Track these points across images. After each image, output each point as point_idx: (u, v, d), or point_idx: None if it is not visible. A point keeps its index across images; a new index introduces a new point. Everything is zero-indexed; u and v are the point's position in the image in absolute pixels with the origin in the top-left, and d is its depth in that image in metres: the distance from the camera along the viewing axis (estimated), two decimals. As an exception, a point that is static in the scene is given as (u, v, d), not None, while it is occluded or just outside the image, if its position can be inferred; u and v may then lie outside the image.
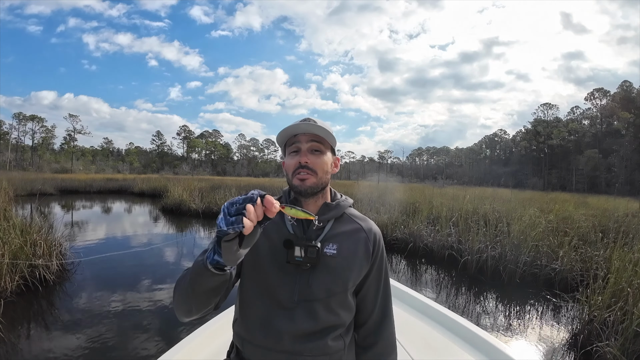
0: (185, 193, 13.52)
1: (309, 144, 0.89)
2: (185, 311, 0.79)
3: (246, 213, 0.60)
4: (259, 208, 0.62)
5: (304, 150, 0.89)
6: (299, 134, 0.89)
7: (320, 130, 0.87)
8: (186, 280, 0.75)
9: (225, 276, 0.71)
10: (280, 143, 0.94)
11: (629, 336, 2.75)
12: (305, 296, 0.86)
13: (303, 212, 0.69)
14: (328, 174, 0.92)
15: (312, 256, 0.85)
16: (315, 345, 0.85)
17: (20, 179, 18.34)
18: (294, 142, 0.90)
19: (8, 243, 4.00)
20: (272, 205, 0.63)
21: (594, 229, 6.29)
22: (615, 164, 44.43)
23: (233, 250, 0.64)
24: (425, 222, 7.42)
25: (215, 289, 0.73)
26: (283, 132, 0.89)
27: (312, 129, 0.87)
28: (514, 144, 66.39)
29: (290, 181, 0.90)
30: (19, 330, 3.19)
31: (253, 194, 0.63)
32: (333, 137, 0.91)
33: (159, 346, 2.96)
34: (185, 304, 0.77)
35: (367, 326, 0.96)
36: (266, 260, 0.89)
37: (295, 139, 0.90)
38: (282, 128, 0.92)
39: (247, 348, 0.89)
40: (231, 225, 0.61)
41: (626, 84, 53.75)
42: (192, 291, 0.73)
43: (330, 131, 0.90)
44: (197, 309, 0.78)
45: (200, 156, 75.02)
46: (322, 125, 0.89)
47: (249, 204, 0.61)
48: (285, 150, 0.94)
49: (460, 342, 1.79)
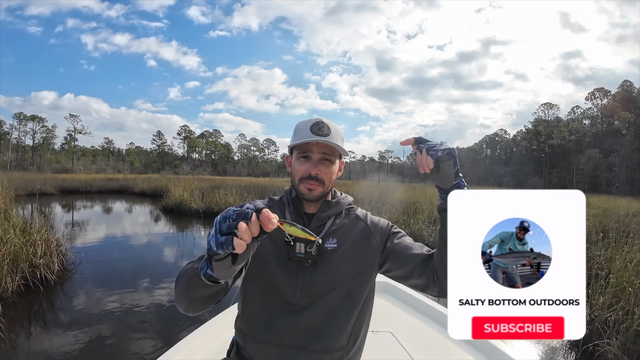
0: (185, 193, 13.52)
1: (321, 154, 0.90)
2: (183, 309, 0.79)
3: (238, 233, 0.54)
4: (254, 225, 0.56)
5: (314, 160, 0.89)
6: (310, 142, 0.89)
7: (334, 145, 0.89)
8: (183, 283, 0.74)
9: (220, 286, 0.69)
10: (292, 141, 0.94)
11: (630, 336, 2.75)
12: (310, 292, 0.86)
13: (303, 231, 0.64)
14: (334, 181, 0.94)
15: (313, 252, 0.86)
16: (319, 341, 0.86)
17: (20, 178, 18.34)
18: (306, 150, 0.90)
19: (9, 243, 4.00)
20: (269, 221, 0.56)
21: (594, 228, 6.28)
22: (615, 163, 44.40)
23: (225, 268, 0.61)
24: (427, 221, 7.42)
25: (212, 296, 0.72)
26: (298, 137, 0.89)
27: (327, 143, 0.88)
28: (514, 143, 66.33)
29: (297, 185, 0.92)
30: (19, 330, 3.19)
31: (248, 210, 0.57)
32: (345, 150, 0.92)
33: (159, 346, 2.96)
34: (182, 303, 0.77)
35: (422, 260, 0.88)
36: (269, 257, 0.89)
37: (307, 146, 0.90)
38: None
39: (249, 344, 0.90)
40: (221, 246, 0.56)
41: (626, 83, 53.71)
42: (188, 295, 0.73)
43: (342, 137, 0.91)
44: (193, 310, 0.78)
45: (200, 156, 75.06)
46: (336, 134, 0.90)
47: (242, 222, 0.55)
48: (293, 150, 0.93)
49: (461, 342, 1.78)
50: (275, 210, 0.95)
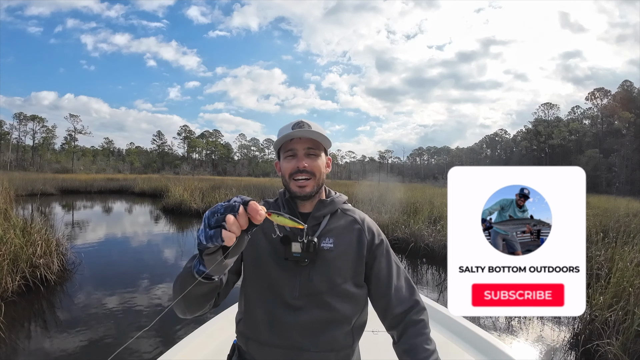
0: (186, 193, 13.52)
1: (306, 148, 0.91)
2: (180, 311, 0.80)
3: (226, 225, 0.56)
4: (242, 217, 0.57)
5: (300, 154, 0.91)
6: (294, 139, 0.91)
7: (316, 135, 0.89)
8: (177, 284, 0.75)
9: (214, 284, 0.70)
10: (275, 147, 0.96)
11: (630, 336, 2.74)
12: (308, 291, 0.87)
13: (291, 220, 0.64)
14: (324, 175, 0.94)
15: (309, 251, 0.86)
16: (322, 340, 0.86)
17: (21, 179, 18.36)
18: (290, 148, 0.91)
19: (9, 243, 4.00)
20: (256, 213, 0.57)
21: (594, 228, 6.28)
22: (616, 163, 44.38)
23: (217, 262, 0.62)
24: (426, 222, 7.42)
25: (206, 295, 0.73)
26: (281, 138, 0.91)
27: (308, 135, 0.89)
28: (514, 143, 66.35)
29: (288, 185, 0.93)
30: (20, 330, 3.19)
31: (235, 202, 0.58)
32: (328, 141, 0.93)
33: (159, 346, 2.96)
34: (179, 305, 0.77)
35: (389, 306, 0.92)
36: (266, 257, 0.90)
37: (290, 144, 0.91)
38: (280, 128, 0.94)
39: (252, 347, 0.90)
40: (210, 239, 0.57)
41: (627, 83, 53.69)
42: (183, 296, 0.72)
43: (324, 134, 0.91)
44: (190, 311, 0.78)
45: (200, 156, 75.05)
46: (317, 129, 0.91)
47: (230, 215, 0.56)
48: (280, 154, 0.95)
49: (461, 342, 1.79)
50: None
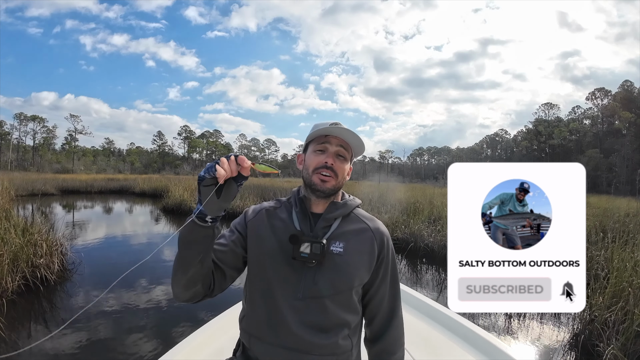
0: (186, 193, 13.53)
1: (337, 148, 0.92)
2: (176, 281, 0.82)
3: (220, 162, 0.74)
4: (232, 163, 0.75)
5: (331, 152, 0.91)
6: (329, 135, 0.91)
7: (352, 135, 0.91)
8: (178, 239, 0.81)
9: (208, 230, 0.79)
10: (308, 139, 0.96)
11: (629, 336, 2.74)
12: (311, 293, 0.86)
13: (269, 167, 0.79)
14: (345, 180, 0.95)
15: (317, 252, 0.85)
16: (323, 344, 0.85)
17: (21, 179, 18.39)
18: (323, 142, 0.92)
19: (9, 243, 4.01)
20: (243, 161, 0.75)
21: (594, 228, 6.28)
22: (616, 163, 44.34)
23: (212, 197, 0.75)
24: (426, 222, 7.42)
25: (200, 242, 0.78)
26: (317, 131, 0.92)
27: (344, 133, 0.90)
28: (515, 143, 66.30)
29: (309, 177, 0.92)
30: (20, 329, 3.20)
31: (230, 154, 0.76)
32: (362, 147, 0.94)
33: (159, 346, 2.96)
34: (175, 273, 0.81)
35: (375, 324, 0.96)
36: (272, 255, 0.89)
37: (325, 139, 0.92)
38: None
39: (254, 345, 0.90)
40: (207, 170, 0.73)
41: (627, 83, 53.65)
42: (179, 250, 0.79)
43: (361, 139, 0.92)
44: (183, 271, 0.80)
45: (201, 156, 75.01)
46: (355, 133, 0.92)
47: (223, 158, 0.75)
48: (308, 147, 0.95)
49: (461, 342, 1.79)
50: (283, 211, 0.97)
